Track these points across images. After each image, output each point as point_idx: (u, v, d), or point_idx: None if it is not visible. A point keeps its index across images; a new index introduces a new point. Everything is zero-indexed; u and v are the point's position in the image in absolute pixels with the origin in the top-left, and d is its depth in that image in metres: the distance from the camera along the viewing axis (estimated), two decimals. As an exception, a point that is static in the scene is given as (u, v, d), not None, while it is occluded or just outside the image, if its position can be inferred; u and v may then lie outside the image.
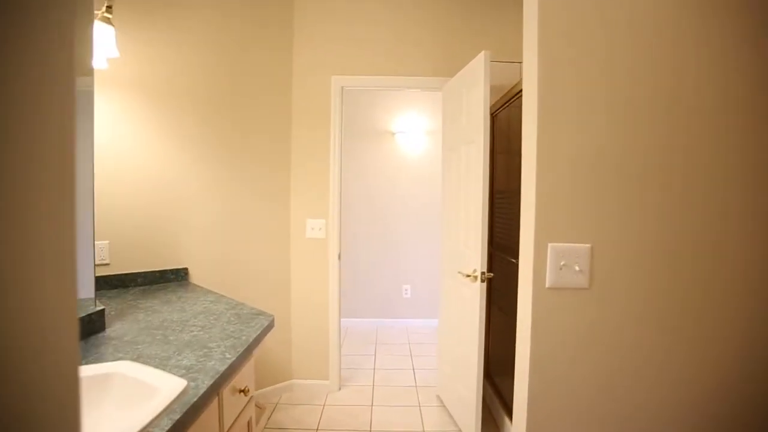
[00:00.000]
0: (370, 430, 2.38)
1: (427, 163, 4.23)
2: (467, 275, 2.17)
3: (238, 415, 1.30)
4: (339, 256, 2.80)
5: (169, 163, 2.22)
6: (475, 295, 2.13)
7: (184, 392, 0.95)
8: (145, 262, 2.15)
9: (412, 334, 4.06)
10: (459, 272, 2.31)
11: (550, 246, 1.09)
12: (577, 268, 1.08)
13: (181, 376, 1.06)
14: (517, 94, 2.16)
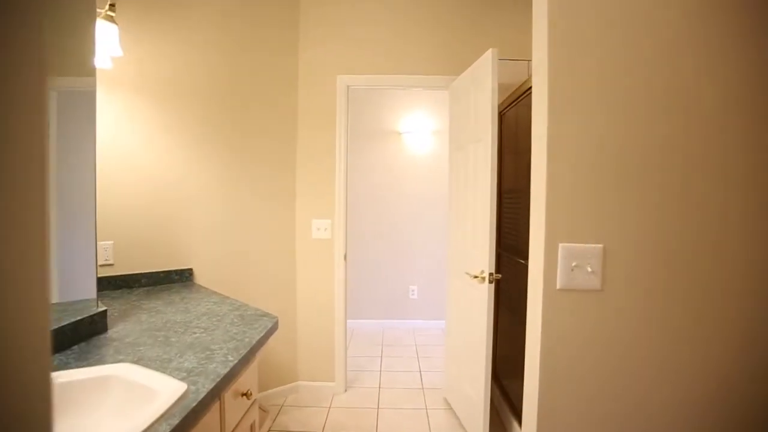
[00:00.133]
0: (376, 433, 2.35)
1: (433, 162, 4.19)
2: (474, 276, 2.14)
3: (241, 420, 1.28)
4: (345, 256, 2.78)
5: (173, 163, 2.21)
6: (482, 297, 2.09)
7: (184, 396, 0.93)
8: (149, 263, 2.14)
9: (419, 336, 4.02)
10: (466, 273, 2.27)
11: (561, 246, 1.06)
12: (590, 269, 1.05)
13: (182, 379, 1.04)
14: (526, 92, 2.12)
